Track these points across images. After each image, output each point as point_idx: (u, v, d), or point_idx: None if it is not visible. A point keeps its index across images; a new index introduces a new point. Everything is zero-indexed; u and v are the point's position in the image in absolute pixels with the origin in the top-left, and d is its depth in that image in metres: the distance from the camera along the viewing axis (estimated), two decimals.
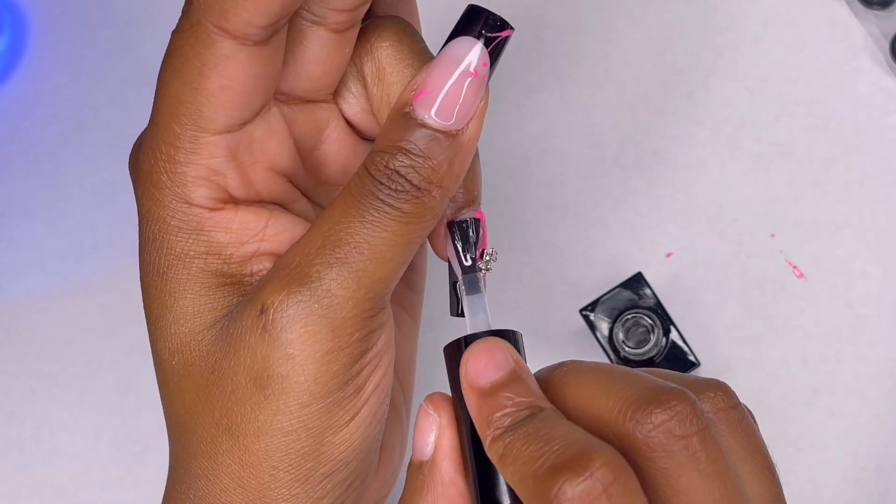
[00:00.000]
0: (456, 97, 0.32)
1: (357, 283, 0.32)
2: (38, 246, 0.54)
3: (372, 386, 0.34)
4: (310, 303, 0.32)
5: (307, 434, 0.33)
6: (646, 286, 0.49)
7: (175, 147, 0.34)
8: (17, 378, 0.53)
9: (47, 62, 0.55)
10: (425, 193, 0.32)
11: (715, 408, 0.31)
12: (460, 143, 0.32)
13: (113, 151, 0.54)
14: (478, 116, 0.33)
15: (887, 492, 0.49)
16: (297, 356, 0.32)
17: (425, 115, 0.32)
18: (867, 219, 0.52)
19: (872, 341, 0.51)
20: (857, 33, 0.53)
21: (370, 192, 0.32)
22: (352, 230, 0.32)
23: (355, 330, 0.33)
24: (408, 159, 0.32)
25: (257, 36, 0.32)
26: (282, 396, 0.32)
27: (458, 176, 0.33)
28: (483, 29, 0.32)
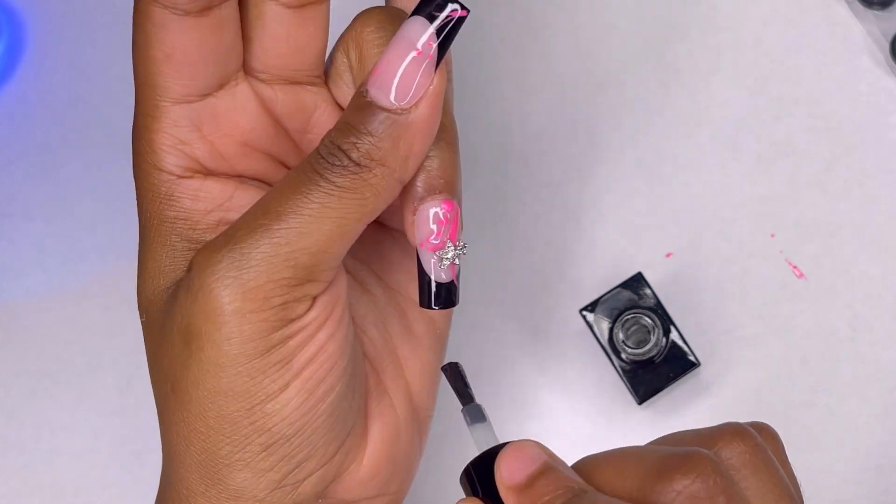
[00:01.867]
0: (402, 75, 0.32)
1: (274, 249, 0.33)
2: (38, 246, 0.54)
3: (303, 359, 0.34)
4: (227, 263, 0.33)
5: (234, 397, 0.34)
6: (646, 286, 0.49)
7: (144, 116, 0.35)
8: (17, 378, 0.53)
9: (47, 63, 0.55)
10: (364, 170, 0.33)
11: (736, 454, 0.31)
12: (407, 122, 0.32)
13: (113, 151, 0.54)
14: (429, 97, 0.32)
15: (887, 491, 0.49)
16: (213, 314, 0.33)
17: (373, 93, 0.32)
18: (867, 219, 0.52)
19: (872, 341, 0.51)
20: (857, 33, 0.53)
21: (310, 165, 0.33)
22: (282, 199, 0.33)
23: (271, 296, 0.33)
24: (352, 136, 0.33)
25: (187, 5, 0.33)
26: (203, 353, 0.33)
27: (405, 157, 0.33)
28: (434, 10, 0.32)
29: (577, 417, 0.51)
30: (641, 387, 0.48)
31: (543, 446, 0.32)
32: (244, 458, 0.34)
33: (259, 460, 0.34)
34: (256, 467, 0.34)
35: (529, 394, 0.51)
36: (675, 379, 0.48)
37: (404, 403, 0.39)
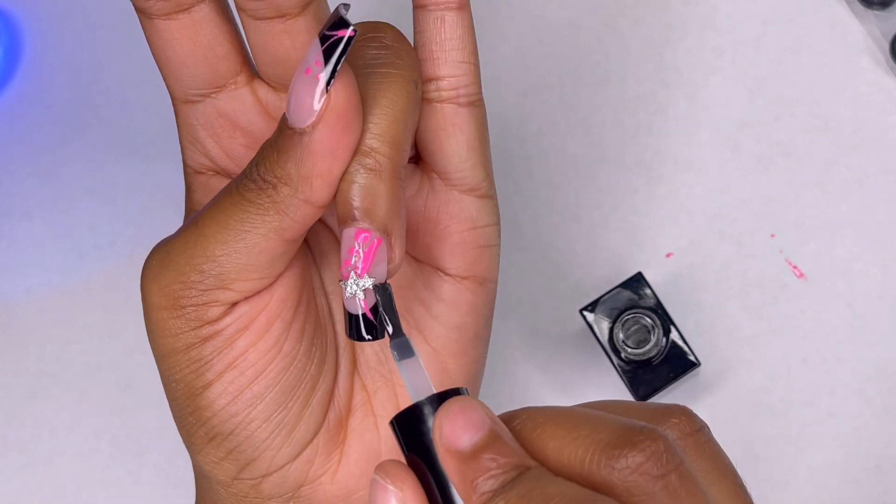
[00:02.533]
0: (297, 96, 0.32)
1: (186, 251, 0.34)
2: (38, 246, 0.54)
3: (222, 364, 0.35)
4: (156, 259, 0.35)
5: (175, 382, 0.35)
6: (646, 286, 0.49)
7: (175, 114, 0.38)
8: (17, 378, 0.53)
9: (45, 64, 0.55)
10: (268, 185, 0.33)
11: (681, 434, 0.30)
12: (305, 143, 0.32)
13: (113, 151, 0.54)
14: (325, 119, 0.32)
15: (887, 492, 0.50)
16: (144, 304, 0.35)
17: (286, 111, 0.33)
18: (867, 219, 0.52)
19: (872, 341, 0.51)
20: (857, 33, 0.53)
21: (236, 178, 0.34)
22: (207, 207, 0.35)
23: (181, 296, 0.34)
24: (264, 151, 0.34)
25: (150, 9, 0.35)
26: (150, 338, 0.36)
27: (307, 178, 0.33)
28: (325, 29, 0.32)
29: None
30: (641, 387, 0.48)
31: (488, 409, 0.30)
32: (196, 443, 0.36)
33: (208, 450, 0.36)
34: (208, 455, 0.36)
35: (529, 394, 0.51)
36: (675, 379, 0.48)
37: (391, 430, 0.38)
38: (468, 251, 0.38)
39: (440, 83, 0.37)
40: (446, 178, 0.37)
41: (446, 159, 0.37)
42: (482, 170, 0.38)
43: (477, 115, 0.38)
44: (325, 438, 0.37)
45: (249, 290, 0.35)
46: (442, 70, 0.36)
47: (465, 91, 0.37)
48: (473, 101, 0.37)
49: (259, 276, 0.34)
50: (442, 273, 0.38)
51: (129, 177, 0.54)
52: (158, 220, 0.53)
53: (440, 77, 0.37)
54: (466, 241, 0.38)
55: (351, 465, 0.37)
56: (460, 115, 0.37)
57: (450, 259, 0.38)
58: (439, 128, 0.37)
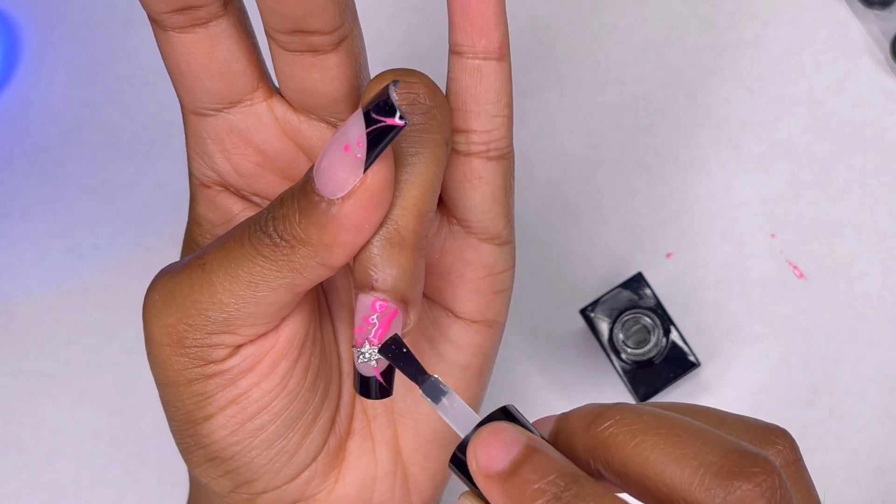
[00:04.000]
0: (330, 166, 0.31)
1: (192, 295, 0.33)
2: (38, 246, 0.54)
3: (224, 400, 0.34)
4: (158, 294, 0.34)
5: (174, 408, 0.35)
6: (646, 286, 0.49)
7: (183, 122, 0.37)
8: (17, 378, 0.53)
9: (44, 64, 0.55)
10: (286, 244, 0.32)
11: (785, 461, 0.29)
12: (331, 214, 0.31)
13: (112, 151, 0.54)
14: (358, 195, 0.31)
15: (888, 492, 0.49)
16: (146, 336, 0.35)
17: (315, 174, 0.32)
18: (867, 219, 0.52)
19: (872, 341, 0.51)
20: (857, 33, 0.53)
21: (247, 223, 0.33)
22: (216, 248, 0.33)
23: (185, 336, 0.34)
24: (285, 208, 0.32)
25: (165, 21, 0.34)
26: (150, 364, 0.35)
27: (328, 245, 0.32)
28: (374, 110, 0.31)
29: None
30: (641, 387, 0.48)
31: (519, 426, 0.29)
32: (193, 460, 0.36)
33: (205, 467, 0.36)
34: (205, 471, 0.36)
35: (529, 394, 0.51)
36: (675, 379, 0.48)
37: (388, 455, 0.38)
38: (482, 297, 0.38)
39: (470, 136, 0.35)
40: (467, 226, 0.37)
41: (468, 210, 0.36)
42: (504, 219, 0.37)
43: (505, 166, 0.36)
44: (325, 461, 0.37)
45: (255, 335, 0.34)
46: (473, 124, 0.35)
47: (496, 145, 0.36)
48: (503, 154, 0.36)
49: (265, 322, 0.34)
50: (452, 314, 0.38)
51: (129, 177, 0.54)
52: (158, 220, 0.53)
53: (471, 130, 0.35)
54: (481, 287, 0.37)
55: (346, 486, 0.37)
56: (488, 168, 0.36)
57: (462, 304, 0.37)
58: (465, 179, 0.36)
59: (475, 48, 0.35)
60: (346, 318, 0.38)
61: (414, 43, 0.55)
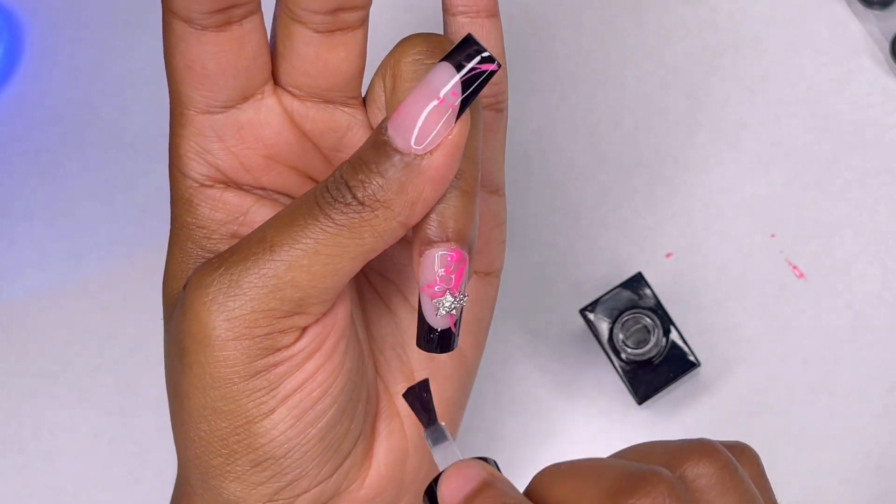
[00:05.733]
0: (420, 120, 0.31)
1: (262, 280, 0.32)
2: (38, 246, 0.54)
3: (290, 387, 0.34)
4: (215, 288, 0.33)
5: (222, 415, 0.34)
6: (646, 286, 0.49)
7: (173, 122, 0.35)
8: (17, 378, 0.53)
9: (46, 63, 0.55)
10: (366, 209, 0.32)
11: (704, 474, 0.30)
12: (419, 168, 0.31)
13: (113, 151, 0.54)
14: (446, 146, 0.31)
15: (887, 492, 0.49)
16: (199, 336, 0.33)
17: (391, 133, 0.32)
18: (867, 219, 0.52)
19: (872, 341, 0.51)
20: (857, 33, 0.53)
21: (314, 197, 0.33)
22: (278, 228, 0.33)
23: (256, 325, 0.33)
24: (361, 173, 0.32)
25: (203, 20, 0.33)
26: (192, 370, 0.33)
27: (412, 202, 0.32)
28: (464, 59, 0.31)
29: (577, 417, 0.51)
30: (641, 387, 0.48)
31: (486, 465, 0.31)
32: (234, 470, 0.34)
33: (249, 475, 0.34)
34: (247, 481, 0.35)
35: (529, 394, 0.51)
36: (675, 379, 0.48)
37: (415, 428, 0.38)
38: (492, 248, 0.38)
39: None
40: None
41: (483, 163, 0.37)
42: (503, 169, 0.38)
43: (505, 118, 0.38)
44: (362, 447, 0.37)
45: (322, 312, 0.34)
46: None
47: (502, 97, 0.37)
48: (505, 105, 0.37)
49: (334, 297, 0.34)
50: None
51: (129, 177, 0.54)
52: (158, 220, 0.53)
53: None
54: (490, 238, 0.38)
55: (381, 468, 0.37)
56: (497, 119, 0.37)
57: (479, 257, 0.38)
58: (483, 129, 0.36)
59: (477, 7, 0.36)
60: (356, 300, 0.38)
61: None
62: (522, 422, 0.51)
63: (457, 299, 0.33)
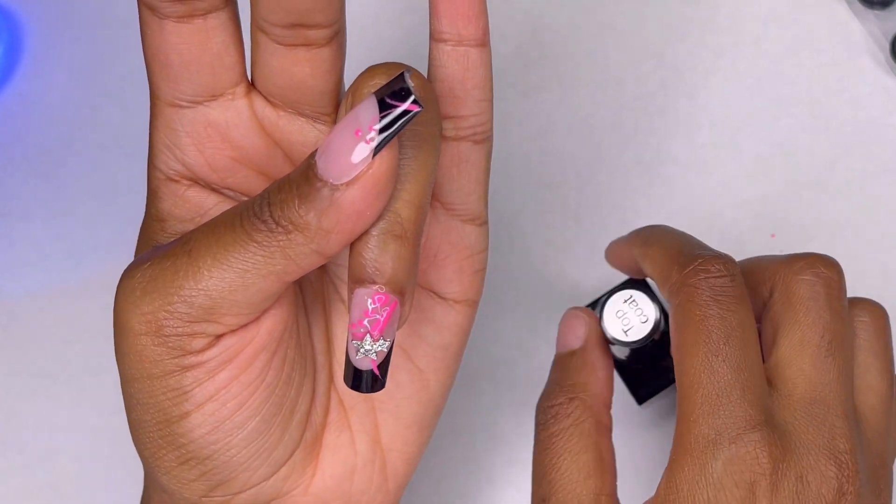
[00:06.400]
0: (338, 150, 0.31)
1: (176, 281, 0.33)
2: (38, 246, 0.54)
3: (203, 394, 0.34)
4: (135, 281, 0.34)
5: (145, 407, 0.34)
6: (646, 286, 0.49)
7: (151, 113, 0.36)
8: (17, 378, 0.53)
9: (46, 63, 0.55)
10: (280, 230, 0.32)
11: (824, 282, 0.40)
12: (335, 199, 0.31)
13: (112, 151, 0.54)
14: (362, 181, 0.31)
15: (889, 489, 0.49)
16: (117, 326, 0.34)
17: (318, 159, 0.31)
18: (867, 219, 0.52)
19: None
20: (857, 33, 0.53)
21: (239, 209, 0.33)
22: (202, 234, 0.33)
23: (165, 325, 0.33)
24: (283, 192, 0.32)
25: (164, 9, 0.33)
26: (119, 358, 0.34)
27: (327, 231, 0.32)
28: (389, 96, 0.31)
29: None
30: (641, 387, 0.48)
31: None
32: (163, 465, 0.35)
33: (178, 470, 0.35)
34: (177, 476, 0.35)
35: (530, 394, 0.51)
36: None
37: (367, 444, 0.38)
38: (465, 277, 0.38)
39: (458, 122, 0.36)
40: (451, 208, 0.37)
41: (454, 193, 0.37)
42: (484, 200, 0.38)
43: (488, 148, 0.37)
44: (301, 456, 0.37)
45: (237, 325, 0.34)
46: (462, 109, 0.36)
47: (482, 129, 0.36)
48: (487, 136, 0.37)
49: (249, 312, 0.34)
50: (435, 296, 0.38)
51: (129, 177, 0.54)
52: None
53: (459, 116, 0.36)
54: (464, 268, 0.38)
55: (325, 479, 0.37)
56: (475, 151, 0.37)
57: (447, 285, 0.38)
58: (453, 164, 0.36)
59: (461, 35, 0.35)
60: (320, 310, 0.38)
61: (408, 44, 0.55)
62: (522, 422, 0.51)
63: (378, 343, 0.32)
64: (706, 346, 0.36)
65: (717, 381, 0.35)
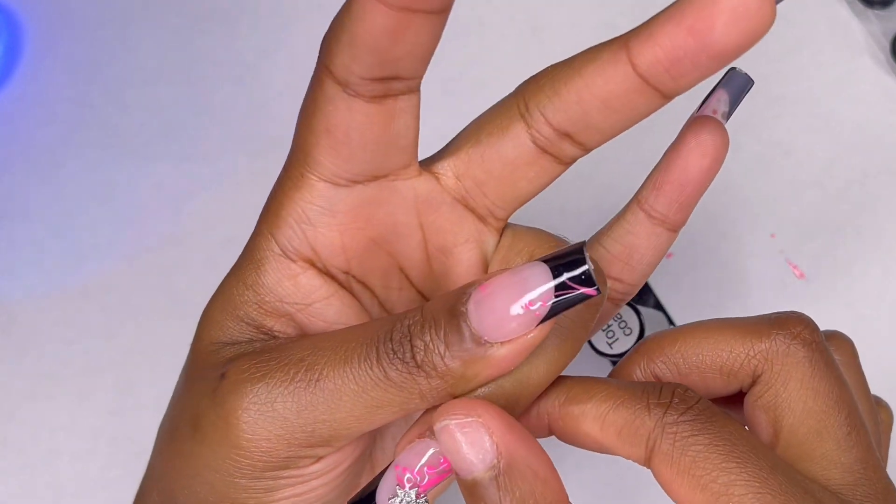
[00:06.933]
0: (501, 312, 0.29)
1: (298, 411, 0.31)
2: (37, 246, 0.54)
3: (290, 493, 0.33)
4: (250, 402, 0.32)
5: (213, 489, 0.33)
6: (646, 286, 0.49)
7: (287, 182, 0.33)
8: (17, 378, 0.53)
9: (45, 64, 0.55)
10: (422, 374, 0.30)
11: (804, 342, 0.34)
12: (485, 354, 0.30)
13: (112, 151, 0.54)
14: (516, 344, 0.30)
15: None
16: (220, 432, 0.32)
17: (469, 308, 0.30)
18: (867, 219, 0.51)
19: (872, 341, 0.51)
20: (857, 33, 0.53)
21: (374, 341, 0.31)
22: (328, 360, 0.31)
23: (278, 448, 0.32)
24: (428, 335, 0.30)
25: (360, 87, 0.31)
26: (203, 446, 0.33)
27: (468, 381, 0.30)
28: (565, 269, 0.29)
29: None
30: None
31: None
32: None
33: None
34: None
35: None
36: None
37: None
38: None
39: (616, 285, 0.36)
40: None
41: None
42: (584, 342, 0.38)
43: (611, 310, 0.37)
44: None
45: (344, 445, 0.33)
46: (626, 276, 0.36)
47: (628, 297, 0.36)
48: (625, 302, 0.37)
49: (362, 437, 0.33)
50: None
51: (129, 177, 0.54)
52: (158, 221, 0.53)
53: (621, 280, 0.36)
54: None
55: None
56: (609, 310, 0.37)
57: None
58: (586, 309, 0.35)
59: (665, 217, 0.35)
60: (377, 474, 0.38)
61: None
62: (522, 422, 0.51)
63: (418, 501, 0.31)
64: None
65: None
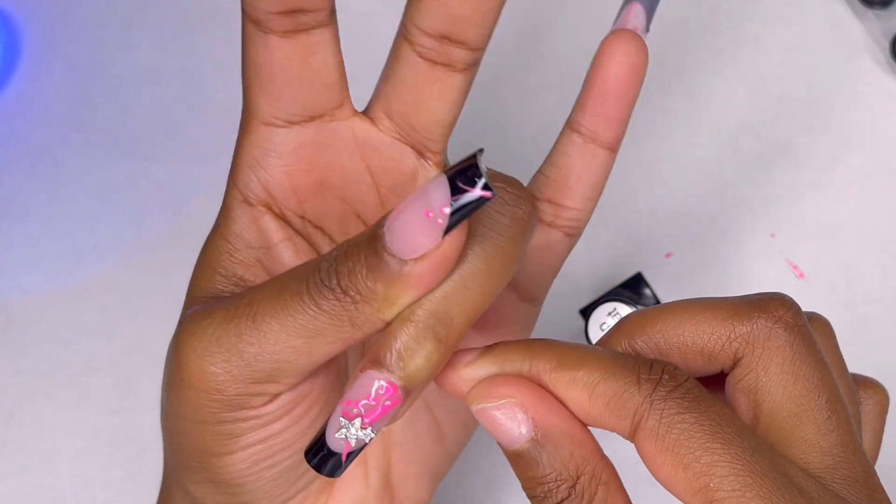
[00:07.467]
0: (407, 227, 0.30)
1: (240, 346, 0.32)
2: (37, 246, 0.54)
3: (253, 439, 0.34)
4: (197, 339, 0.33)
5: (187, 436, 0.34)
6: (646, 286, 0.49)
7: (240, 130, 0.35)
8: (17, 378, 0.53)
9: (44, 64, 0.55)
10: (348, 299, 0.31)
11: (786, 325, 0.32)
12: (403, 273, 0.31)
13: (111, 151, 0.54)
14: (430, 258, 0.31)
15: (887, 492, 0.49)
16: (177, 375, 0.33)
17: (386, 231, 0.31)
18: (867, 219, 0.51)
19: (872, 341, 0.51)
20: (857, 33, 0.53)
21: (305, 274, 0.32)
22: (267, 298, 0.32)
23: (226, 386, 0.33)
24: (351, 261, 0.31)
25: (270, 22, 0.33)
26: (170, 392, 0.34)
27: (392, 302, 0.31)
28: (461, 180, 0.30)
29: None
30: None
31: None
32: (194, 479, 0.35)
33: (207, 488, 0.35)
34: (205, 490, 0.35)
35: None
36: None
37: (379, 480, 0.39)
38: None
39: (559, 210, 0.36)
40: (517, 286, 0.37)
41: (527, 275, 0.37)
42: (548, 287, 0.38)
43: (573, 243, 0.37)
44: (318, 484, 0.37)
45: (297, 384, 0.34)
46: (568, 200, 0.36)
47: (578, 225, 0.37)
48: (578, 234, 0.37)
49: (310, 372, 0.33)
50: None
51: (128, 177, 0.54)
52: (157, 220, 0.53)
53: (563, 205, 0.36)
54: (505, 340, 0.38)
55: None
56: (562, 243, 0.37)
57: None
58: (537, 248, 0.36)
59: (596, 134, 0.36)
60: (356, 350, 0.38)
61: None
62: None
63: (363, 431, 0.32)
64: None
65: None
